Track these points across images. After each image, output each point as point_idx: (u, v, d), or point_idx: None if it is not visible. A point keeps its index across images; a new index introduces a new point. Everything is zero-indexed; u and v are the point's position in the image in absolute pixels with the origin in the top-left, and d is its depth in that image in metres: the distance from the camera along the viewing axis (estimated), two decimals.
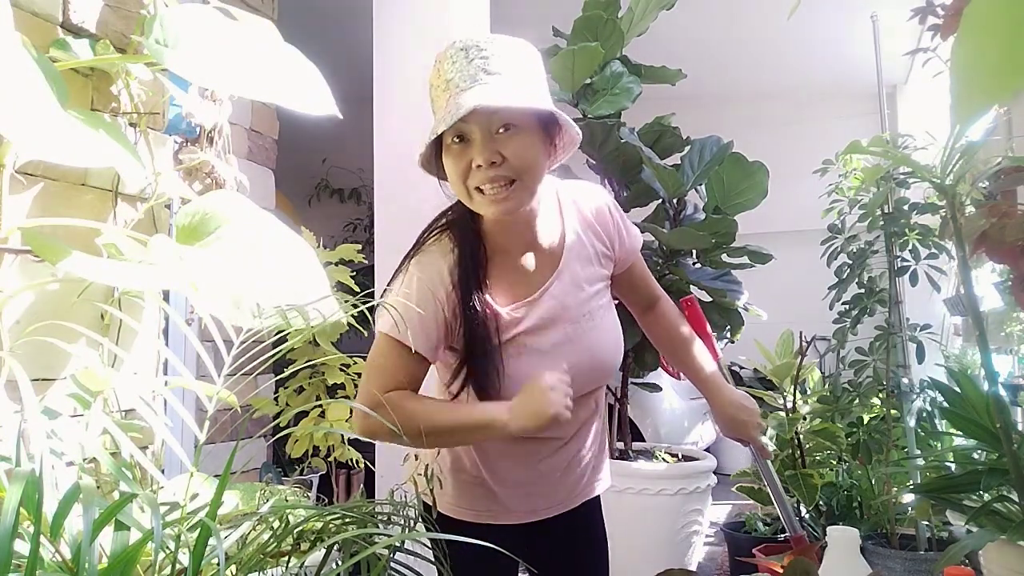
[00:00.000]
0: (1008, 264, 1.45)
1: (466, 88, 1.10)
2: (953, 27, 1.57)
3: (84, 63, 1.20)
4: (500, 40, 1.15)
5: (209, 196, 1.12)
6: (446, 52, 1.14)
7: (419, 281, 1.20)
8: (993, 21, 0.34)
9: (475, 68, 1.11)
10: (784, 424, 2.67)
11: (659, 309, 1.48)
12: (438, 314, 1.19)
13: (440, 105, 1.14)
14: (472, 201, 1.17)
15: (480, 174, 1.13)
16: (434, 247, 1.24)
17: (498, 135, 1.12)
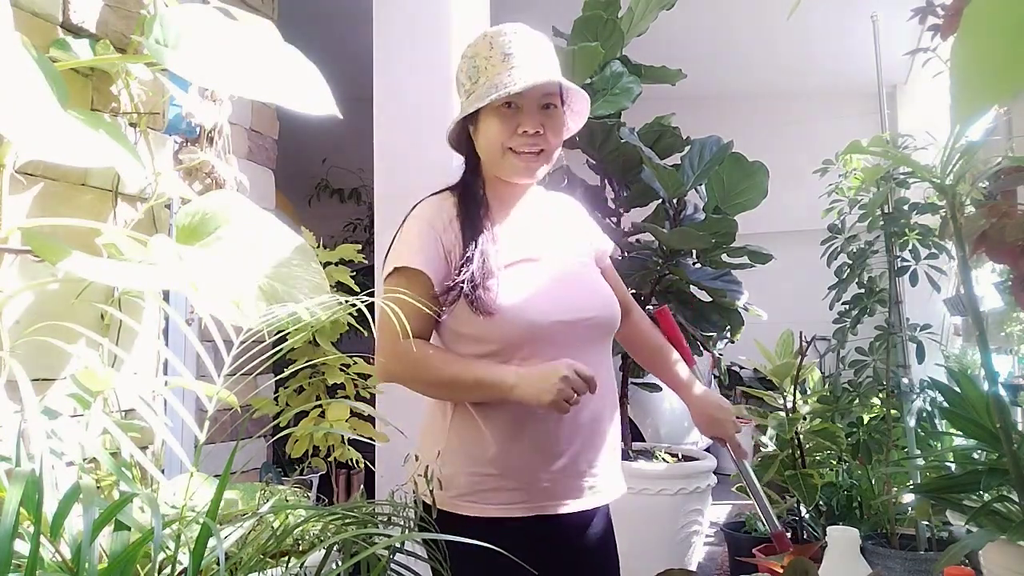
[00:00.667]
0: (1008, 264, 1.45)
1: (529, 61, 1.28)
2: (953, 27, 1.57)
3: (84, 63, 1.20)
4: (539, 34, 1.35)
5: (209, 196, 1.12)
6: (500, 30, 1.31)
7: (416, 219, 1.32)
8: (993, 21, 0.34)
9: (534, 49, 1.31)
10: (784, 424, 2.67)
11: (633, 318, 1.55)
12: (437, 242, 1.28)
13: (496, 72, 1.28)
14: (503, 160, 1.31)
15: (524, 139, 1.28)
16: (429, 200, 1.37)
17: (543, 110, 1.30)
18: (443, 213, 1.32)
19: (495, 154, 1.31)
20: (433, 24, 2.69)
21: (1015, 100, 2.28)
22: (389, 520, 1.09)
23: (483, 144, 1.33)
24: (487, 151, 1.33)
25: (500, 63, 1.28)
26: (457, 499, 1.25)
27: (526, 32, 1.33)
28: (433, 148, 2.69)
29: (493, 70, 1.28)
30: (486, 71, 1.29)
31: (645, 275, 3.03)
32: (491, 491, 1.25)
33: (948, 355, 3.34)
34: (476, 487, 1.25)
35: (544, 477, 1.27)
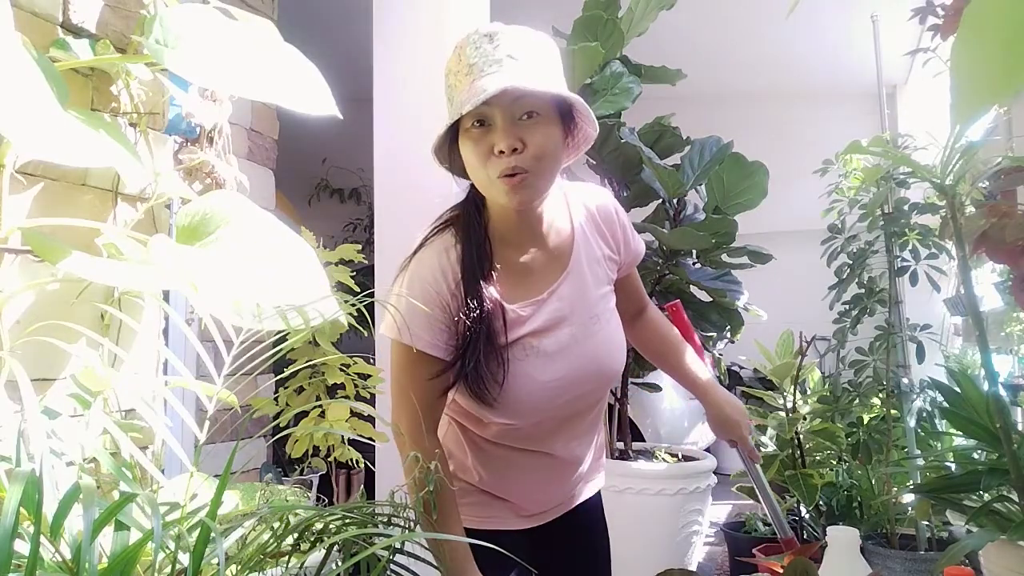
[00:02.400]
0: (1008, 264, 1.45)
1: (491, 72, 1.07)
2: (953, 27, 1.57)
3: (84, 63, 1.20)
4: (523, 29, 1.14)
5: (209, 196, 1.12)
6: (468, 38, 1.12)
7: (421, 280, 1.17)
8: (993, 21, 0.34)
9: (501, 53, 1.09)
10: (784, 424, 2.67)
11: (647, 315, 1.49)
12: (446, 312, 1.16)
13: (461, 89, 1.10)
14: (492, 189, 1.13)
15: (501, 161, 1.09)
16: (436, 243, 1.21)
17: (520, 121, 1.10)
18: (449, 275, 1.17)
19: (480, 183, 1.15)
20: (433, 24, 2.70)
21: (1015, 100, 2.28)
22: (389, 520, 1.09)
23: (469, 173, 1.16)
24: (474, 180, 1.17)
25: (464, 78, 1.10)
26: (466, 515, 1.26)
27: (497, 35, 1.11)
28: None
29: (460, 86, 1.10)
30: (456, 88, 1.12)
31: (645, 275, 3.03)
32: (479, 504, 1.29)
33: (948, 355, 3.34)
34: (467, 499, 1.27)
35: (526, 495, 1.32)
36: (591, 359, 1.25)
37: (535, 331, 1.20)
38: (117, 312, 1.17)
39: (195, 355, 1.59)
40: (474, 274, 1.16)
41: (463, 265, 1.17)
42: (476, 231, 1.19)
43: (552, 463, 1.29)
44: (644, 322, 1.49)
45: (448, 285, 1.16)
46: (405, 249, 1.31)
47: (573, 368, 1.22)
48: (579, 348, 1.23)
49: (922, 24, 1.86)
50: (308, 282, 1.09)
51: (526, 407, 1.20)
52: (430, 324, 1.15)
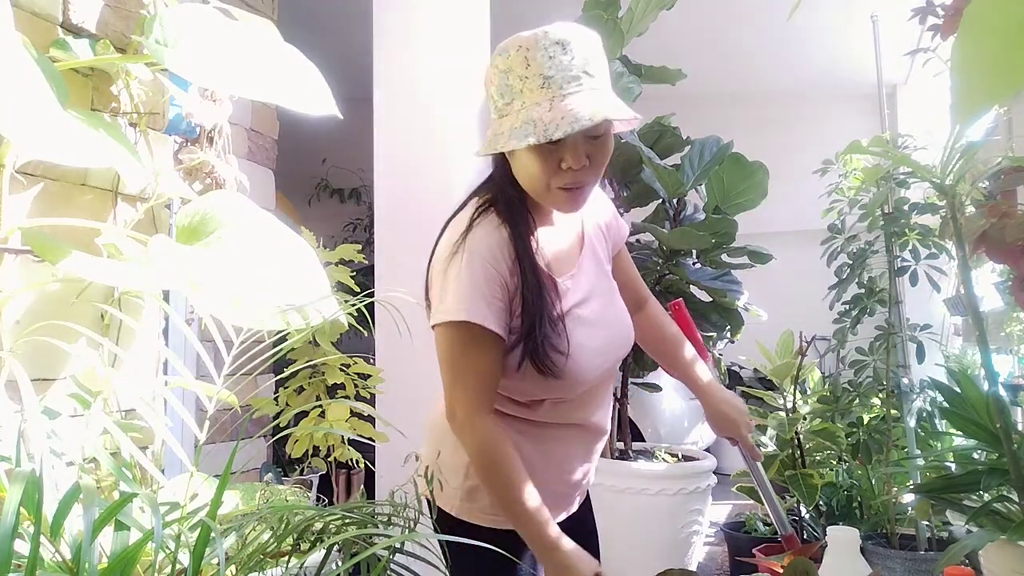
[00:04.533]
0: (1008, 264, 1.45)
1: (572, 92, 1.09)
2: (953, 27, 1.57)
3: (84, 63, 1.20)
4: (587, 34, 1.15)
5: (209, 196, 1.12)
6: (537, 42, 1.10)
7: (481, 258, 1.16)
8: (993, 21, 0.34)
9: (576, 68, 1.10)
10: (784, 424, 2.67)
11: (648, 310, 1.51)
12: (505, 290, 1.17)
13: (534, 101, 1.09)
14: (547, 195, 1.17)
15: (567, 175, 1.13)
16: (485, 223, 1.21)
17: (588, 140, 1.14)
18: (506, 253, 1.18)
19: (536, 191, 1.17)
20: (433, 24, 2.70)
21: (1015, 100, 2.28)
22: (389, 520, 1.09)
23: (521, 176, 1.18)
24: (526, 185, 1.18)
25: (538, 90, 1.09)
26: (479, 512, 1.27)
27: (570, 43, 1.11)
28: (433, 148, 2.69)
29: (530, 96, 1.10)
30: (521, 95, 1.11)
31: (645, 275, 3.03)
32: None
33: (948, 355, 3.34)
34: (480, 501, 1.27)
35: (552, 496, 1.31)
36: (619, 325, 1.32)
37: (578, 302, 1.25)
38: (117, 312, 1.17)
39: (195, 355, 1.60)
40: (527, 253, 1.19)
41: (515, 243, 1.19)
42: (521, 213, 1.21)
43: (585, 435, 1.33)
44: (644, 316, 1.50)
45: (506, 262, 1.17)
46: (405, 249, 1.31)
47: (610, 334, 1.28)
48: (609, 315, 1.30)
49: (922, 24, 1.86)
50: (308, 282, 1.09)
51: (584, 375, 1.23)
52: (490, 302, 1.15)
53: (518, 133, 1.09)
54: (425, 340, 1.27)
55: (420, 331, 1.29)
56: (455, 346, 1.17)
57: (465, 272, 1.15)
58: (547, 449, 1.30)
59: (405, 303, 1.27)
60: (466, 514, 1.26)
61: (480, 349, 1.15)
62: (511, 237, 1.19)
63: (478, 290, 1.14)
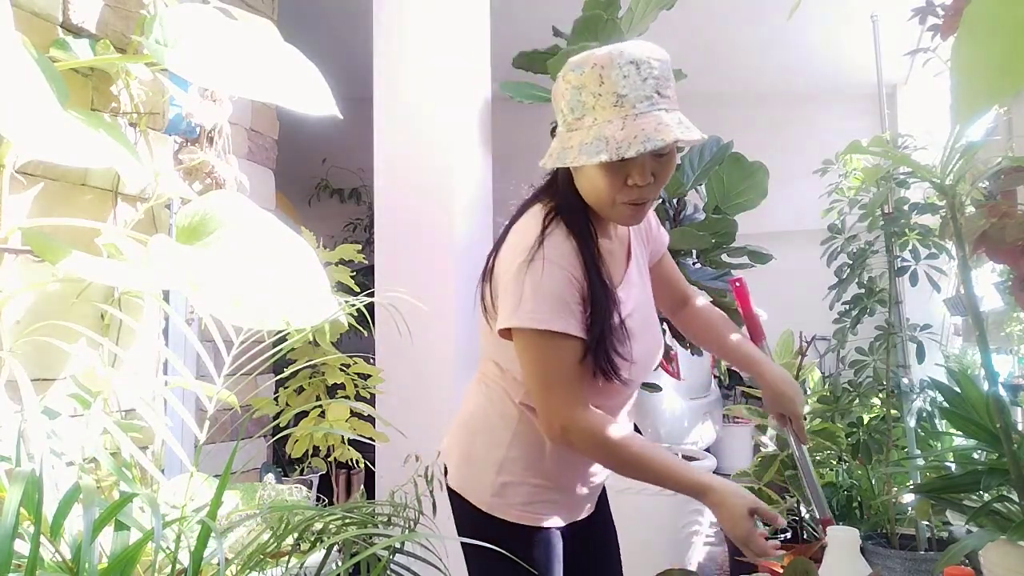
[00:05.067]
0: (1008, 264, 1.45)
1: (645, 111, 1.12)
2: (953, 27, 1.57)
3: (84, 63, 1.20)
4: (659, 54, 1.18)
5: (209, 196, 1.11)
6: (612, 61, 1.14)
7: (560, 268, 1.20)
8: (993, 21, 0.34)
9: (649, 88, 1.13)
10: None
11: (692, 305, 1.56)
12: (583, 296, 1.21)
13: (606, 118, 1.13)
14: (611, 210, 1.21)
15: (633, 191, 1.17)
16: (556, 234, 1.24)
17: (654, 157, 1.17)
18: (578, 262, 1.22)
19: (601, 205, 1.21)
20: (433, 24, 2.70)
21: (1015, 100, 2.28)
22: (389, 520, 1.09)
23: (586, 190, 1.22)
24: (591, 199, 1.22)
25: (612, 108, 1.12)
26: (512, 507, 1.29)
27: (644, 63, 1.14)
28: (433, 148, 2.69)
29: (602, 113, 1.13)
30: (594, 111, 1.14)
31: None
32: (544, 503, 1.31)
33: (948, 355, 3.34)
34: (533, 498, 1.30)
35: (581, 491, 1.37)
36: (656, 334, 1.38)
37: (631, 312, 1.29)
38: (117, 312, 1.17)
39: (195, 355, 1.60)
40: (594, 263, 1.23)
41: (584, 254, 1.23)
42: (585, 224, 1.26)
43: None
44: (689, 311, 1.56)
45: (581, 271, 1.22)
46: (405, 249, 1.31)
47: (651, 341, 1.34)
48: (649, 322, 1.36)
49: (922, 24, 1.85)
50: (308, 282, 1.09)
51: (636, 380, 1.30)
52: (572, 309, 1.19)
53: (589, 149, 1.12)
54: (425, 340, 1.27)
55: (420, 331, 1.29)
56: (548, 355, 1.19)
57: (547, 281, 1.18)
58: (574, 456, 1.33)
59: (405, 303, 1.27)
60: (496, 510, 1.28)
61: (569, 354, 1.19)
62: (579, 248, 1.23)
63: (561, 299, 1.18)
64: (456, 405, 1.42)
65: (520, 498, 1.28)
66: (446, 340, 2.56)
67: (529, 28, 3.32)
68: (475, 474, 1.30)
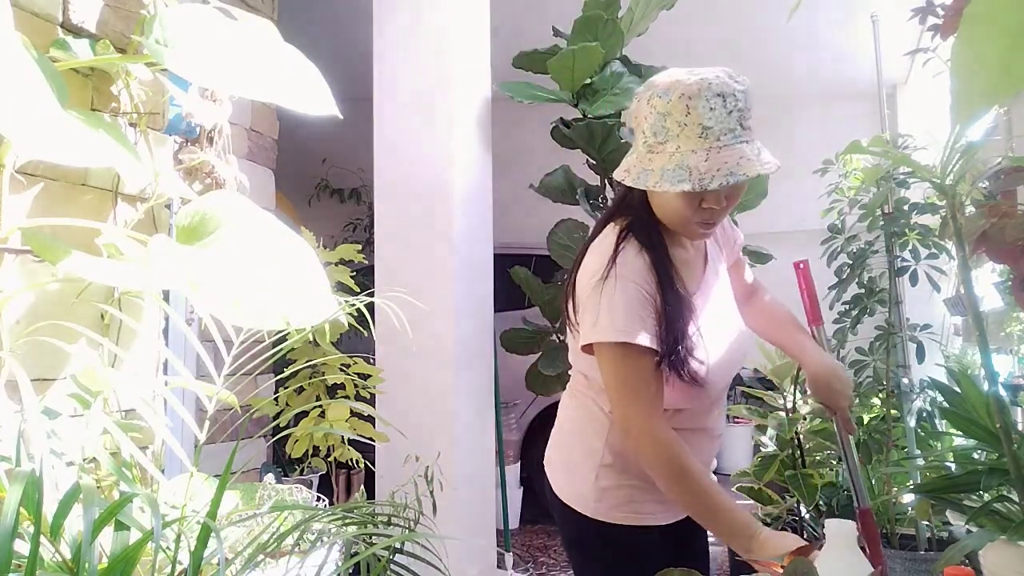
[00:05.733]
0: (1008, 264, 1.45)
1: (728, 144, 1.19)
2: (953, 27, 1.57)
3: (84, 63, 1.20)
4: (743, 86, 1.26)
5: (209, 196, 1.11)
6: (699, 92, 1.20)
7: (633, 283, 1.26)
8: (993, 22, 0.34)
9: (733, 121, 1.21)
10: (784, 424, 2.67)
11: (756, 299, 1.61)
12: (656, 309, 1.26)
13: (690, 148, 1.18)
14: (685, 228, 1.29)
15: (706, 213, 1.24)
16: (630, 248, 1.30)
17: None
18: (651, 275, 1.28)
19: (677, 223, 1.29)
20: (433, 24, 2.70)
21: (1015, 100, 2.28)
22: (389, 520, 1.09)
23: (662, 209, 1.29)
24: (666, 218, 1.30)
25: (696, 138, 1.19)
26: (613, 510, 1.35)
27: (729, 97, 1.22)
28: (433, 148, 2.69)
29: (686, 143, 1.19)
30: (677, 139, 1.20)
31: None
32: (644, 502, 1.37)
33: (948, 355, 3.34)
34: (633, 498, 1.36)
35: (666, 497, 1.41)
36: (739, 332, 1.42)
37: (707, 316, 1.35)
38: (117, 312, 1.17)
39: (195, 355, 1.60)
40: (668, 275, 1.29)
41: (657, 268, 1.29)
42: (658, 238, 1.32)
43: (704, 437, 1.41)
44: (753, 304, 1.60)
45: (652, 283, 1.27)
46: (405, 249, 1.31)
47: (732, 343, 1.38)
48: (730, 325, 1.40)
49: (922, 24, 1.86)
50: (308, 282, 1.09)
51: (719, 380, 1.35)
52: (645, 321, 1.24)
53: (671, 176, 1.18)
54: (425, 340, 1.27)
55: (420, 331, 1.30)
56: (625, 365, 1.24)
57: (620, 296, 1.24)
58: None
59: (405, 303, 1.27)
60: (601, 514, 1.34)
61: (645, 364, 1.24)
62: (652, 263, 1.28)
63: (635, 312, 1.23)
64: (455, 405, 1.42)
65: (620, 500, 1.35)
66: (446, 340, 2.56)
67: (529, 28, 3.32)
68: (576, 482, 1.37)
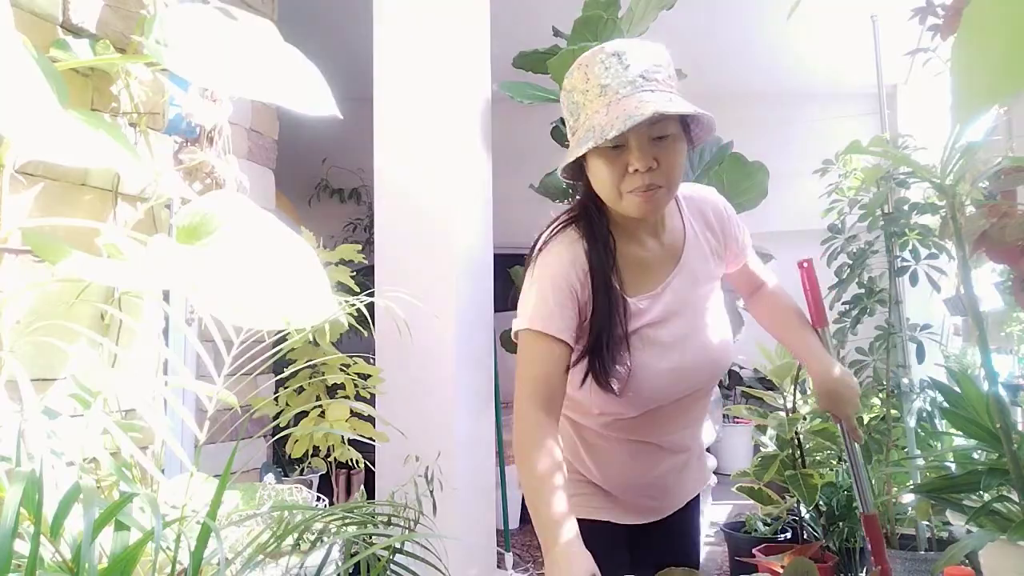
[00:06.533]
0: (1008, 264, 1.45)
1: (628, 94, 1.12)
2: (953, 27, 1.57)
3: (84, 63, 1.20)
4: (645, 46, 1.19)
5: (209, 196, 1.11)
6: (594, 57, 1.16)
7: (552, 270, 1.22)
8: (993, 21, 0.34)
9: (632, 74, 1.14)
10: (784, 424, 2.67)
11: (764, 291, 1.56)
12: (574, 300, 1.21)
13: (594, 109, 1.14)
14: (621, 202, 1.20)
15: (636, 178, 1.16)
16: (560, 238, 1.27)
17: (653, 142, 1.16)
18: (578, 265, 1.23)
19: (609, 198, 1.22)
20: (433, 24, 2.70)
21: (1015, 100, 2.28)
22: (389, 520, 1.09)
23: (597, 187, 1.23)
24: (602, 195, 1.23)
25: (597, 99, 1.15)
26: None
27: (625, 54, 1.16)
28: (433, 148, 2.69)
29: (591, 107, 1.16)
30: (584, 108, 1.17)
31: None
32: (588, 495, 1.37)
33: (948, 355, 3.34)
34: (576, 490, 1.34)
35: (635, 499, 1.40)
36: (703, 349, 1.32)
37: (652, 322, 1.27)
38: (117, 312, 1.17)
39: (195, 355, 1.60)
40: (600, 268, 1.23)
41: (589, 260, 1.23)
42: (600, 229, 1.26)
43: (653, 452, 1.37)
44: (759, 297, 1.56)
45: (577, 274, 1.22)
46: (405, 249, 1.32)
47: (687, 359, 1.29)
48: (692, 339, 1.31)
49: (922, 24, 1.86)
50: (308, 282, 1.09)
51: (645, 395, 1.26)
52: (553, 310, 1.19)
53: (581, 142, 1.14)
54: (425, 340, 1.28)
55: (420, 331, 1.30)
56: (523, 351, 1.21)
57: (536, 285, 1.21)
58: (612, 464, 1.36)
59: (405, 303, 1.28)
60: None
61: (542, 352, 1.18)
62: (586, 252, 1.23)
63: (545, 299, 1.19)
64: (455, 405, 1.43)
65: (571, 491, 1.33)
66: (446, 340, 2.56)
67: (529, 28, 3.32)
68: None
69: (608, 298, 1.22)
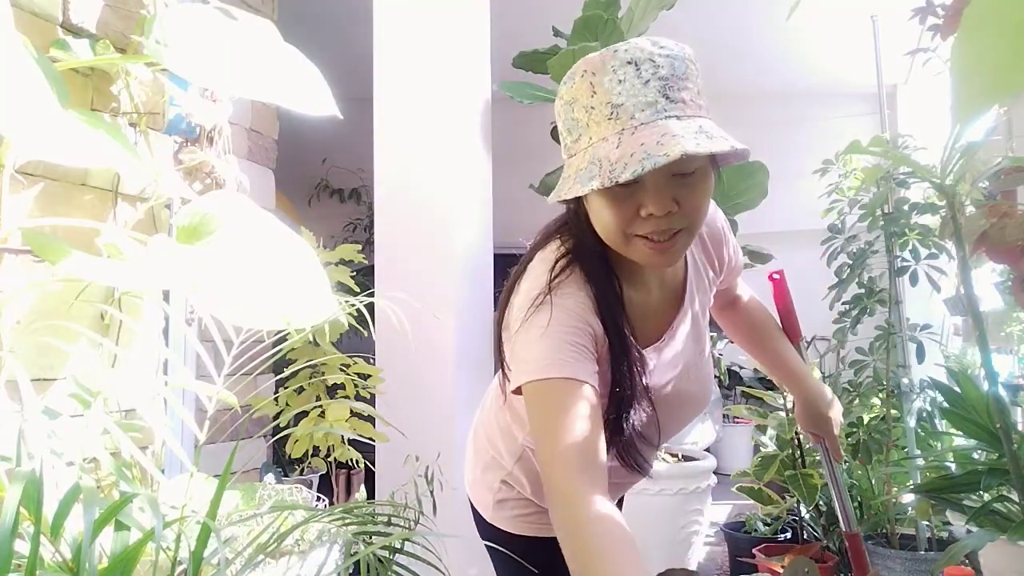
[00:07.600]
0: (1008, 264, 1.45)
1: (647, 121, 0.88)
2: (953, 27, 1.57)
3: (84, 63, 1.20)
4: (669, 50, 0.93)
5: (209, 196, 1.11)
6: (605, 64, 0.91)
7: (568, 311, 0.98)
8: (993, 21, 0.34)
9: (653, 92, 0.89)
10: (784, 424, 2.67)
11: (739, 304, 1.45)
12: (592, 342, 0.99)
13: (601, 135, 0.90)
14: (628, 248, 0.96)
15: (650, 223, 0.92)
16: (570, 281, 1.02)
17: (674, 178, 0.92)
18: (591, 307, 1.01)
19: (614, 242, 0.98)
20: (433, 24, 2.70)
21: (1015, 100, 2.28)
22: (389, 520, 1.09)
23: (598, 225, 0.98)
24: (603, 235, 0.99)
25: (605, 121, 0.89)
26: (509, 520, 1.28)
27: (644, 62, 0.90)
28: (433, 148, 2.69)
29: (597, 131, 0.90)
30: (588, 129, 0.92)
31: None
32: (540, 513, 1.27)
33: (948, 355, 3.34)
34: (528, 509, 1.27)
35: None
36: (695, 394, 1.20)
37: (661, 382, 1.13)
38: (117, 312, 1.17)
39: (195, 355, 1.60)
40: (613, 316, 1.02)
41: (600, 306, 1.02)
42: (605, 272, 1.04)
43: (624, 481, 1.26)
44: (730, 312, 1.45)
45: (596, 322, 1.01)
46: (405, 249, 1.31)
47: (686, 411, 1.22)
48: (687, 387, 1.17)
49: (922, 24, 1.86)
50: (308, 282, 1.09)
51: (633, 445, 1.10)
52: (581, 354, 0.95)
53: (583, 176, 0.90)
54: (425, 340, 1.27)
55: (420, 331, 1.30)
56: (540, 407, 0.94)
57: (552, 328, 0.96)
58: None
59: (405, 303, 1.27)
60: (498, 521, 1.29)
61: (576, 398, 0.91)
62: (596, 298, 1.01)
63: (565, 343, 0.95)
64: (455, 405, 1.42)
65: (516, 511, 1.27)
66: (446, 340, 2.56)
67: (529, 28, 3.32)
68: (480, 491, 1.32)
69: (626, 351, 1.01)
